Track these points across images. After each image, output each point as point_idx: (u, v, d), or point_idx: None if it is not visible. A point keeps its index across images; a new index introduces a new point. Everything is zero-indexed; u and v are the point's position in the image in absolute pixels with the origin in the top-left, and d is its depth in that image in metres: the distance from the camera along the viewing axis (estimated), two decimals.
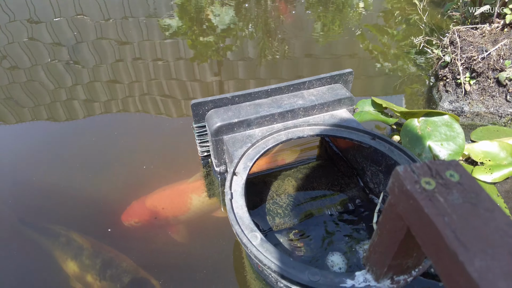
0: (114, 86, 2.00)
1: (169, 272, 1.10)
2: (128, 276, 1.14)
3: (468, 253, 0.45)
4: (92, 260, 1.18)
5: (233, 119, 1.10)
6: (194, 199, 1.23)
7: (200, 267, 1.10)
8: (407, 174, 0.57)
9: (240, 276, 1.07)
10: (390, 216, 0.62)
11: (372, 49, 2.30)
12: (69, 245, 1.23)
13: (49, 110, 1.84)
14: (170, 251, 1.15)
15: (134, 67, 2.17)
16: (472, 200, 0.53)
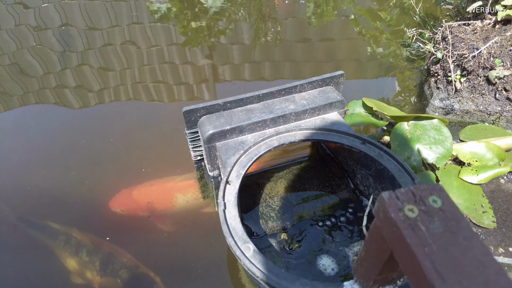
0: (106, 73, 1.98)
1: (163, 265, 1.14)
2: (128, 272, 1.18)
3: (445, 284, 0.48)
4: (93, 256, 1.22)
5: (226, 126, 1.11)
6: (179, 198, 1.26)
7: (195, 265, 1.13)
8: (391, 201, 0.59)
9: (234, 275, 1.11)
10: (375, 237, 0.65)
11: (365, 33, 2.30)
12: (69, 241, 1.26)
13: (37, 97, 1.84)
14: (165, 250, 1.19)
15: (125, 52, 2.14)
16: (452, 229, 0.55)
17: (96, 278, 1.18)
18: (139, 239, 1.21)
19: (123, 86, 1.92)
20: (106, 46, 2.27)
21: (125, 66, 2.09)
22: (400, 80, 1.90)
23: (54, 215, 1.30)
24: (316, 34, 2.36)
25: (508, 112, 1.46)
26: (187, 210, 1.25)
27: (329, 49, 2.23)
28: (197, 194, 1.28)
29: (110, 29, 2.45)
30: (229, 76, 2.00)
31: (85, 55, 2.18)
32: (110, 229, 1.25)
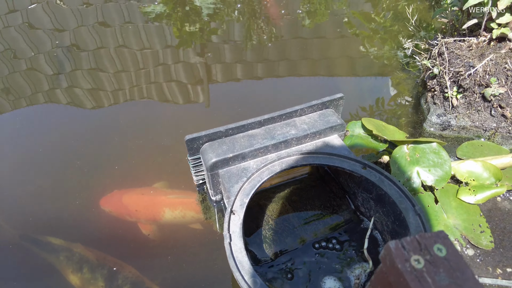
0: (98, 74, 1.97)
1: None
2: (134, 286, 1.19)
3: None
4: (97, 271, 1.23)
5: (228, 154, 1.12)
6: (167, 213, 1.29)
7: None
8: (398, 252, 0.61)
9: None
10: (381, 282, 0.67)
11: (359, 34, 2.33)
12: (72, 257, 1.26)
13: (29, 100, 1.83)
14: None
15: (118, 55, 2.13)
16: (458, 281, 0.57)
17: None
18: (139, 254, 1.23)
19: (121, 91, 1.92)
20: (100, 49, 2.25)
21: (119, 69, 2.08)
22: (396, 83, 1.92)
23: (56, 230, 1.31)
24: (311, 34, 2.37)
25: (503, 128, 1.49)
26: (174, 224, 1.28)
27: (323, 50, 2.24)
28: (186, 212, 1.30)
29: (101, 29, 2.43)
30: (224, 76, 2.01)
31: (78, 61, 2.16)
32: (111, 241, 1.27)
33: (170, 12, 2.52)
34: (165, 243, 1.25)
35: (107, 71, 2.06)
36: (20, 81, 2.05)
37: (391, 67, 2.06)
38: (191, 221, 1.28)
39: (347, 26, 2.46)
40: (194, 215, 1.28)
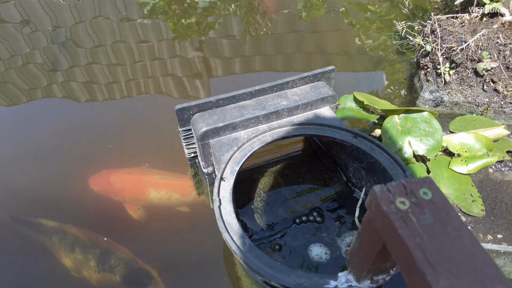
0: (91, 67, 1.96)
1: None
2: (126, 267, 1.18)
3: (435, 273, 0.50)
4: (90, 252, 1.22)
5: (219, 124, 1.12)
6: (152, 194, 1.28)
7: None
8: (383, 195, 0.60)
9: (230, 268, 1.13)
10: (368, 229, 0.67)
11: (355, 24, 2.32)
12: (65, 239, 1.26)
13: (28, 95, 1.82)
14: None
15: (114, 51, 2.12)
16: (442, 220, 0.57)
17: (94, 274, 1.19)
18: (135, 236, 1.22)
19: (116, 84, 1.91)
20: (97, 47, 2.24)
21: (114, 62, 2.07)
22: (390, 73, 1.92)
23: (48, 212, 1.30)
24: (307, 28, 2.37)
25: (496, 103, 1.49)
26: (159, 206, 1.27)
27: (319, 43, 2.24)
28: (171, 194, 1.28)
29: (97, 22, 2.42)
30: (223, 69, 2.00)
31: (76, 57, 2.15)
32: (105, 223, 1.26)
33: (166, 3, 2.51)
34: (152, 224, 1.24)
35: (100, 63, 2.05)
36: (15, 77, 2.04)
37: (386, 52, 2.06)
38: (177, 204, 1.27)
39: (344, 16, 2.45)
40: (180, 197, 1.27)
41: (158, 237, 1.21)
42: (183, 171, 1.38)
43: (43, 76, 1.98)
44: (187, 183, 1.30)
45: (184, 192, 1.28)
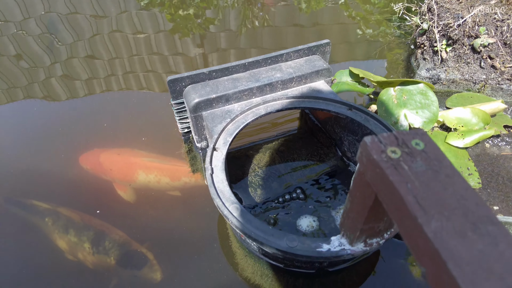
0: (93, 62, 1.94)
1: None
2: (121, 249, 1.17)
3: (427, 216, 0.49)
4: (84, 234, 1.20)
5: (211, 95, 1.10)
6: (141, 176, 1.26)
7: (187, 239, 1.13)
8: (374, 145, 0.59)
9: (225, 245, 1.12)
10: (359, 184, 0.65)
11: (355, 16, 2.29)
12: (58, 220, 1.24)
13: (25, 90, 1.79)
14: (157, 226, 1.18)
15: (112, 41, 2.10)
16: (434, 167, 0.56)
17: (89, 256, 1.17)
18: (129, 215, 1.21)
19: (114, 76, 1.89)
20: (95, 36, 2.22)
21: (113, 55, 2.05)
22: (388, 56, 1.90)
23: (41, 193, 1.29)
24: (305, 18, 2.34)
25: (493, 79, 1.48)
26: (149, 189, 1.25)
27: (319, 36, 2.21)
28: (160, 178, 1.26)
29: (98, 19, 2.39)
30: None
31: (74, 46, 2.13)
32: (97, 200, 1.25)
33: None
34: (145, 206, 1.22)
35: (102, 58, 2.02)
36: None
37: (384, 38, 2.04)
38: (166, 188, 1.25)
39: (343, 8, 2.42)
40: (169, 181, 1.25)
41: (151, 218, 1.19)
42: (175, 154, 1.37)
43: (43, 72, 1.96)
44: (177, 168, 1.28)
45: (173, 176, 1.25)
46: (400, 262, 1.04)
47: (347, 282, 1.01)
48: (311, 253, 0.77)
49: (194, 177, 1.24)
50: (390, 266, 1.03)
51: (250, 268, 1.05)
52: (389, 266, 1.04)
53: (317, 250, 0.78)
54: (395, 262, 1.04)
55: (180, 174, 1.25)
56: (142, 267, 1.11)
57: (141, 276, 1.08)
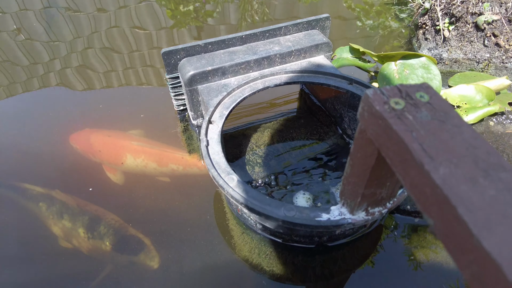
0: (86, 52, 1.90)
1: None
2: (117, 234, 1.13)
3: (434, 163, 0.45)
4: (78, 219, 1.17)
5: (207, 67, 1.07)
6: (129, 159, 1.22)
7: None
8: (376, 96, 0.56)
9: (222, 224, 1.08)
10: (360, 143, 0.62)
11: (355, 7, 2.24)
12: (52, 205, 1.20)
13: (24, 85, 1.75)
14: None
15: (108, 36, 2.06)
16: (440, 118, 0.52)
17: (84, 242, 1.14)
18: (121, 197, 1.17)
19: (115, 72, 1.85)
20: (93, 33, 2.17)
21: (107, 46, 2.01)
22: (389, 40, 1.86)
23: (34, 177, 1.25)
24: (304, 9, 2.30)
25: (497, 58, 1.44)
26: (136, 173, 1.21)
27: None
28: (148, 163, 1.23)
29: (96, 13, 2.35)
30: None
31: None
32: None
33: None
34: (137, 189, 1.18)
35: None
36: None
37: (385, 19, 1.99)
38: (154, 173, 1.21)
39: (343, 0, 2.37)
40: (156, 167, 1.21)
41: (145, 201, 1.15)
42: (171, 133, 1.33)
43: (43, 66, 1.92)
44: (166, 154, 1.24)
45: (161, 162, 1.21)
46: (403, 241, 1.01)
47: (348, 259, 0.98)
48: (309, 222, 0.74)
49: (182, 165, 1.20)
50: (393, 244, 1.00)
51: (248, 246, 1.01)
52: (392, 244, 1.00)
53: (316, 219, 0.75)
54: (399, 240, 1.01)
55: (167, 160, 1.21)
56: (139, 252, 1.07)
57: (138, 262, 1.04)
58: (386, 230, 1.02)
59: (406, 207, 0.99)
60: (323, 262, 0.96)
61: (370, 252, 1.00)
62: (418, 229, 1.02)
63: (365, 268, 0.96)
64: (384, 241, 1.01)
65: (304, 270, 0.95)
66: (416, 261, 0.96)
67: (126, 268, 1.02)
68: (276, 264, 0.96)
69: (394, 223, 1.03)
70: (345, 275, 0.95)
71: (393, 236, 1.01)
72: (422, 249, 0.98)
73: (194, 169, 1.19)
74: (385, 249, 0.99)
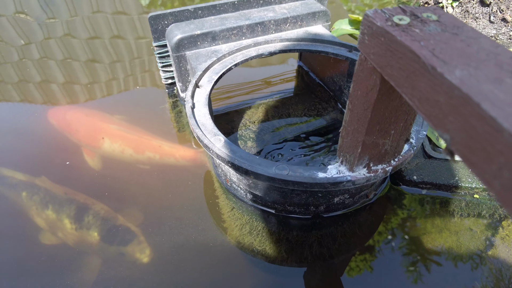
0: (70, 42, 1.85)
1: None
2: (106, 224, 1.05)
3: (448, 66, 0.37)
4: (64, 209, 1.08)
5: (196, 31, 1.00)
6: (106, 143, 1.15)
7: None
8: (377, 14, 0.48)
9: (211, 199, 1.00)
10: (360, 77, 0.54)
11: (355, 9, 2.20)
12: (36, 194, 1.12)
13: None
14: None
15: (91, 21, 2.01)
16: (453, 31, 0.45)
17: (71, 233, 1.05)
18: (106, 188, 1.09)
19: (99, 39, 1.79)
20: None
21: (92, 35, 1.96)
22: None
23: (16, 162, 1.16)
24: None
25: (504, 34, 1.37)
26: (113, 158, 1.14)
27: None
28: (124, 148, 1.15)
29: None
30: None
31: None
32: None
33: None
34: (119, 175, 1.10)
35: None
36: None
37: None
38: (131, 160, 1.13)
39: (343, 2, 2.32)
40: (133, 153, 1.13)
41: (132, 190, 1.07)
42: (159, 109, 1.25)
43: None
44: (143, 140, 1.16)
45: (137, 148, 1.14)
46: (410, 216, 0.92)
47: (349, 236, 0.88)
48: (303, 180, 0.65)
49: (159, 153, 1.12)
50: (399, 220, 0.91)
51: (238, 223, 0.92)
52: (398, 220, 0.91)
53: (311, 177, 0.66)
54: (405, 216, 0.92)
55: (144, 147, 1.14)
56: (129, 243, 0.99)
57: (128, 254, 0.95)
58: (391, 203, 0.93)
59: (413, 177, 0.91)
60: (320, 239, 0.87)
61: (374, 228, 0.90)
62: (425, 202, 0.93)
63: (368, 247, 0.87)
64: (389, 217, 0.92)
65: (300, 248, 0.86)
66: (425, 243, 0.87)
67: (116, 260, 0.93)
68: (268, 242, 0.87)
69: (399, 195, 0.95)
70: (346, 255, 0.86)
71: (399, 210, 0.92)
72: (428, 224, 0.89)
73: (170, 159, 1.11)
74: (390, 225, 0.90)
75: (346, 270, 0.83)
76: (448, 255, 0.84)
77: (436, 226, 0.89)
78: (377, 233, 0.90)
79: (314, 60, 1.29)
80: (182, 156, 1.11)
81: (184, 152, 1.12)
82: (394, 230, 0.90)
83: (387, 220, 0.91)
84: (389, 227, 0.91)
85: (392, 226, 0.90)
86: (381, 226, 0.91)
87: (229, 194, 0.95)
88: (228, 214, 0.94)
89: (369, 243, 0.88)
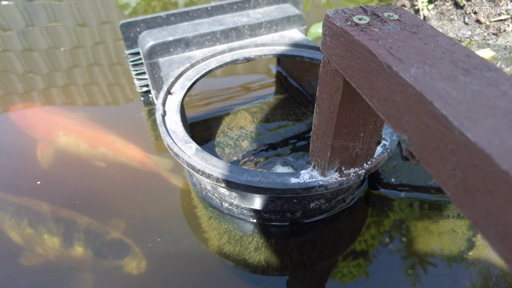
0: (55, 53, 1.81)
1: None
2: (97, 239, 1.00)
3: (404, 64, 0.36)
4: (49, 225, 1.03)
5: (168, 38, 0.98)
6: (61, 138, 1.16)
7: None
8: (337, 15, 0.47)
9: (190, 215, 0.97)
10: (325, 79, 0.53)
11: None
12: (19, 213, 1.06)
13: None
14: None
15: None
16: (412, 29, 0.44)
17: (59, 250, 0.99)
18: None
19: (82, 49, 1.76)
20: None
21: (76, 44, 1.92)
22: None
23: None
24: None
25: (479, 35, 1.39)
26: (70, 153, 1.11)
27: None
28: (80, 142, 1.14)
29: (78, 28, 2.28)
30: None
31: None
32: None
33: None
34: (60, 175, 1.07)
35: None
36: None
37: None
38: (87, 155, 1.10)
39: (326, 7, 2.34)
40: (88, 148, 1.11)
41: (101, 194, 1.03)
42: (135, 117, 1.22)
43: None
44: (98, 135, 1.15)
45: (92, 143, 1.12)
46: (390, 219, 0.91)
47: (329, 243, 0.87)
48: (275, 186, 0.64)
49: (112, 150, 1.10)
50: (378, 224, 0.90)
51: (216, 233, 0.90)
52: (377, 224, 0.90)
53: (283, 183, 0.65)
54: (385, 219, 0.91)
55: (98, 142, 1.13)
56: (125, 256, 0.94)
57: (123, 267, 0.91)
58: (369, 207, 0.92)
59: (391, 180, 0.90)
60: (300, 246, 0.85)
61: (354, 233, 0.89)
62: (405, 204, 0.92)
63: (350, 253, 0.85)
64: (368, 221, 0.90)
65: (280, 256, 0.84)
66: (406, 244, 0.86)
67: (111, 274, 0.88)
68: (248, 252, 0.85)
69: (378, 198, 0.93)
70: (328, 262, 0.84)
71: (379, 214, 0.91)
72: (412, 227, 0.88)
73: (122, 157, 1.09)
74: (370, 230, 0.89)
75: (329, 275, 0.82)
76: (433, 256, 0.83)
77: (418, 229, 0.88)
78: (358, 238, 0.89)
79: (291, 65, 1.28)
80: (132, 156, 1.10)
81: (137, 154, 1.11)
82: (373, 234, 0.88)
83: (367, 225, 0.90)
84: (369, 232, 0.89)
85: (371, 231, 0.89)
86: (361, 230, 0.90)
87: (205, 202, 0.93)
88: (206, 223, 0.92)
89: (351, 248, 0.86)
